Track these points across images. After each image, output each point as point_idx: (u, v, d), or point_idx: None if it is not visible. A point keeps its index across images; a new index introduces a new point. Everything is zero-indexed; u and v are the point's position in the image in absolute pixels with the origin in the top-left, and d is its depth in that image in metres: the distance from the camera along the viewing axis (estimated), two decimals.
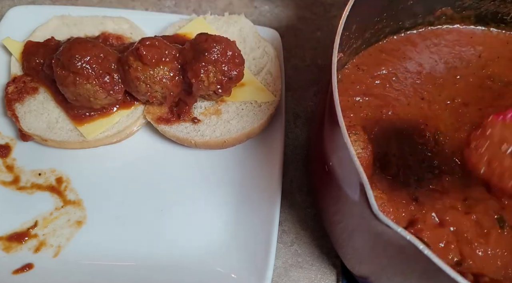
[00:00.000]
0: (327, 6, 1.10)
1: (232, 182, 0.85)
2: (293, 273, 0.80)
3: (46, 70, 0.84)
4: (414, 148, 0.74)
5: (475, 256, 0.65)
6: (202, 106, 0.87)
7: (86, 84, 0.78)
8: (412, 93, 0.80)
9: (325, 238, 0.82)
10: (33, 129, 0.83)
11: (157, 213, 0.82)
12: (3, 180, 0.83)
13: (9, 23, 0.94)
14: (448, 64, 0.83)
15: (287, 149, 0.90)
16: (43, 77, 0.86)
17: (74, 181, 0.84)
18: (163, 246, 0.79)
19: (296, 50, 1.04)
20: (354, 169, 0.47)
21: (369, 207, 0.46)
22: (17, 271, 0.75)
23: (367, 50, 0.84)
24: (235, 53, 0.81)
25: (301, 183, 0.88)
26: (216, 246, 0.79)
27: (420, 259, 0.44)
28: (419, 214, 0.68)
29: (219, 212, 0.82)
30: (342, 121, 0.50)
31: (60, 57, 0.78)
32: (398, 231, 0.44)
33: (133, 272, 0.76)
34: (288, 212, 0.85)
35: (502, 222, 0.68)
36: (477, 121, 0.76)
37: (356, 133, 0.74)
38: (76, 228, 0.80)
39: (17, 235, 0.78)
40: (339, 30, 0.59)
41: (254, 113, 0.86)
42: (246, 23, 0.96)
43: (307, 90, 0.98)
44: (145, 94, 0.81)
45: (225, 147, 0.86)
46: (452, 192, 0.70)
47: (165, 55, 0.78)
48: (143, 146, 0.89)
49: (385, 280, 0.64)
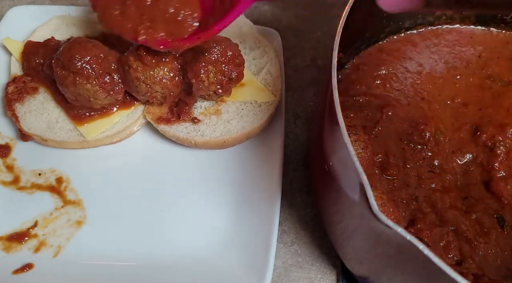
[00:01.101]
0: (327, 6, 1.10)
1: (232, 182, 0.85)
2: (293, 273, 0.80)
3: (46, 70, 0.84)
4: (414, 147, 0.74)
5: (475, 256, 0.65)
6: (202, 106, 0.87)
7: (86, 84, 0.78)
8: (412, 93, 0.80)
9: (325, 238, 0.82)
10: (33, 129, 0.83)
11: (157, 213, 0.82)
12: (3, 180, 0.83)
13: (9, 23, 0.94)
14: (448, 64, 0.83)
15: (287, 149, 0.90)
16: (43, 77, 0.86)
17: (74, 181, 0.84)
18: (163, 246, 0.79)
19: (296, 50, 1.03)
20: (354, 169, 0.47)
21: (369, 207, 0.46)
22: (17, 271, 0.75)
23: (367, 50, 0.84)
24: (235, 53, 0.81)
25: (301, 183, 0.88)
26: (216, 246, 0.79)
27: (420, 259, 0.44)
28: (419, 214, 0.68)
29: (219, 212, 0.82)
30: (342, 121, 0.50)
31: (60, 57, 0.78)
32: (398, 231, 0.44)
33: (133, 272, 0.76)
34: (288, 212, 0.85)
35: (502, 222, 0.68)
36: (477, 121, 0.77)
37: (356, 133, 0.74)
38: (76, 228, 0.80)
39: (17, 235, 0.78)
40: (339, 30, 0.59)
41: (254, 113, 0.86)
42: (246, 23, 0.96)
43: (307, 90, 0.98)
44: (145, 95, 0.81)
45: (225, 147, 0.86)
46: (452, 192, 0.70)
47: (165, 55, 0.78)
48: (143, 145, 0.89)
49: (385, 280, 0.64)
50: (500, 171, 0.71)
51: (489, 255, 0.65)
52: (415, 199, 0.69)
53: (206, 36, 0.70)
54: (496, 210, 0.69)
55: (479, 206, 0.69)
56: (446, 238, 0.65)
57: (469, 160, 0.74)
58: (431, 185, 0.71)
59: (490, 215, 0.68)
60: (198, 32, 0.72)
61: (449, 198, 0.69)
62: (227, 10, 0.69)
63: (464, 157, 0.74)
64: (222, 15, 0.70)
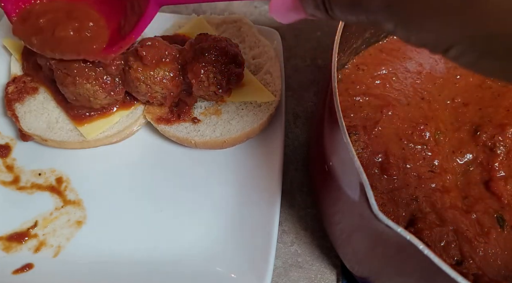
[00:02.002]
0: None
1: (232, 182, 0.85)
2: (293, 273, 0.80)
3: (46, 70, 0.84)
4: (414, 147, 0.74)
5: (475, 256, 0.65)
6: (202, 106, 0.87)
7: (86, 84, 0.78)
8: (412, 93, 0.80)
9: (325, 238, 0.82)
10: (33, 129, 0.83)
11: (157, 213, 0.82)
12: (3, 180, 0.83)
13: (9, 23, 0.94)
14: (448, 64, 0.83)
15: (287, 149, 0.90)
16: (43, 77, 0.86)
17: (74, 181, 0.84)
18: (163, 246, 0.79)
19: (296, 50, 1.04)
20: (354, 169, 0.47)
21: (369, 207, 0.46)
22: (17, 271, 0.75)
23: (367, 50, 0.84)
24: (235, 53, 0.81)
25: (301, 183, 0.88)
26: (216, 246, 0.79)
27: (420, 259, 0.44)
28: (419, 214, 0.68)
29: (219, 211, 0.82)
30: (342, 121, 0.50)
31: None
32: (398, 231, 0.44)
33: (133, 272, 0.76)
34: (288, 212, 0.85)
35: (502, 222, 0.68)
36: (477, 121, 0.77)
37: (356, 134, 0.74)
38: (76, 228, 0.80)
39: (17, 235, 0.78)
40: (339, 30, 0.59)
41: (254, 113, 0.86)
42: (245, 23, 0.96)
43: (307, 90, 0.98)
44: (145, 95, 0.81)
45: (225, 146, 0.86)
46: (452, 191, 0.70)
47: (165, 55, 0.78)
48: (143, 145, 0.89)
49: (385, 280, 0.64)
50: (500, 171, 0.71)
51: (489, 255, 0.65)
52: (415, 199, 0.69)
53: (127, 44, 0.75)
54: (496, 209, 0.69)
55: (479, 206, 0.69)
56: (446, 238, 0.65)
57: (469, 159, 0.74)
58: (431, 184, 0.71)
59: (490, 215, 0.69)
60: (118, 42, 0.75)
61: (449, 198, 0.69)
62: (138, 14, 0.73)
63: (464, 156, 0.74)
64: (136, 20, 0.74)
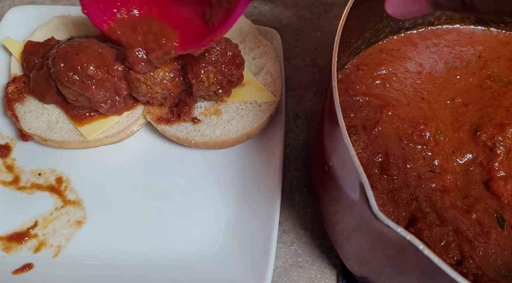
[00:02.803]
0: (327, 6, 1.10)
1: (232, 182, 0.85)
2: (293, 273, 0.80)
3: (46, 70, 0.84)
4: (414, 147, 0.74)
5: (475, 256, 0.65)
6: (202, 106, 0.87)
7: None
8: (412, 93, 0.80)
9: (325, 238, 0.82)
10: (33, 129, 0.83)
11: (157, 213, 0.82)
12: (3, 180, 0.83)
13: (9, 23, 0.94)
14: (448, 64, 0.83)
15: (287, 149, 0.90)
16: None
17: (74, 181, 0.84)
18: (163, 246, 0.79)
19: (296, 50, 1.04)
20: (354, 169, 0.47)
21: (369, 207, 0.46)
22: (17, 271, 0.75)
23: (367, 50, 0.84)
24: (235, 53, 0.81)
25: (301, 183, 0.88)
26: (216, 246, 0.79)
27: (420, 259, 0.44)
28: (419, 214, 0.68)
29: (219, 211, 0.82)
30: (342, 121, 0.50)
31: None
32: (398, 231, 0.44)
33: (133, 272, 0.76)
34: (288, 212, 0.85)
35: (502, 221, 0.68)
36: (477, 121, 0.77)
37: (356, 134, 0.74)
38: (76, 228, 0.80)
39: (17, 235, 0.78)
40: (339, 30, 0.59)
41: (254, 113, 0.86)
42: (246, 23, 0.96)
43: (307, 90, 0.98)
44: (146, 96, 0.81)
45: (225, 147, 0.86)
46: (452, 191, 0.70)
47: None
48: (143, 145, 0.89)
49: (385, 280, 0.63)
50: (500, 171, 0.71)
51: (489, 255, 0.65)
52: (415, 199, 0.69)
53: (217, 37, 0.72)
54: (496, 209, 0.69)
55: (479, 206, 0.69)
56: (446, 238, 0.65)
57: (469, 159, 0.74)
58: (431, 184, 0.71)
59: (490, 215, 0.69)
60: (208, 34, 0.73)
61: (449, 198, 0.69)
62: (227, 8, 0.71)
63: (464, 156, 0.74)
64: (223, 13, 0.71)
